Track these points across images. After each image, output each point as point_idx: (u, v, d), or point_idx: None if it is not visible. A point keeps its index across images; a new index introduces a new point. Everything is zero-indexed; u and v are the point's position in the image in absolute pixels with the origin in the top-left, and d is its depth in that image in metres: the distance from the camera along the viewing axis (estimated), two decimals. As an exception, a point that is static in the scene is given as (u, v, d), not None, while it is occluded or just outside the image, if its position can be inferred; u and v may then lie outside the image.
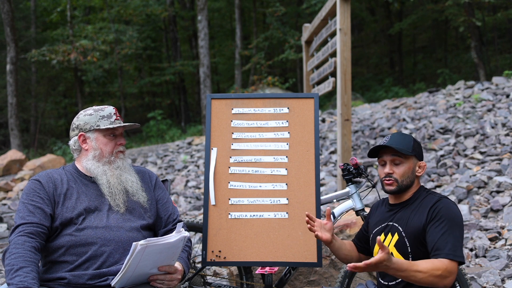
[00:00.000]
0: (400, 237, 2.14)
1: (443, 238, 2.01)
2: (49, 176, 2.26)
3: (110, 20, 18.01)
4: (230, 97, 2.86)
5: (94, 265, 2.12)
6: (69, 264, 2.13)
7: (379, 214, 2.33)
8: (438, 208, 2.07)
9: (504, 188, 4.85)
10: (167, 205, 2.43)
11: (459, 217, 2.07)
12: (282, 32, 16.88)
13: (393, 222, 2.20)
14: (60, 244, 2.14)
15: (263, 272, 2.68)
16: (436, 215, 2.06)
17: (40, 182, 2.22)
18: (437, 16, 17.70)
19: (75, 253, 2.13)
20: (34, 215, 2.12)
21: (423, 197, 2.18)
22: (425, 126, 7.47)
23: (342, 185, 5.39)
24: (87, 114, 2.34)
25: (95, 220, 2.19)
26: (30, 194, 2.19)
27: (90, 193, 2.26)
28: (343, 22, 5.45)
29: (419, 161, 2.24)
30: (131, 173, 2.36)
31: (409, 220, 2.14)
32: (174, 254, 2.12)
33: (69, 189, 2.24)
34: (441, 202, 2.10)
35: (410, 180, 2.21)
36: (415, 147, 2.22)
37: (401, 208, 2.22)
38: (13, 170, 10.34)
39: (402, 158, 2.20)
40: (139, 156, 10.95)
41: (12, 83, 13.39)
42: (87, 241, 2.14)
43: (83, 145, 2.32)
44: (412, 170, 2.21)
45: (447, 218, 2.04)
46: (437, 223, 2.05)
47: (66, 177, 2.29)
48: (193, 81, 23.35)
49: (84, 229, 2.15)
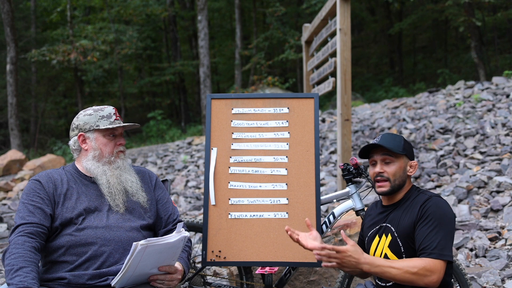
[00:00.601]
0: (393, 237, 2.15)
1: (429, 237, 2.01)
2: (49, 176, 2.26)
3: (110, 20, 18.01)
4: (230, 97, 2.86)
5: (94, 265, 2.12)
6: (69, 264, 2.13)
7: (373, 216, 2.34)
8: (427, 207, 2.07)
9: (504, 188, 4.85)
10: (167, 205, 2.43)
11: (448, 216, 2.06)
12: (282, 32, 16.89)
13: (386, 223, 2.21)
14: (60, 244, 2.14)
15: (263, 272, 2.68)
16: (424, 213, 2.07)
17: (40, 182, 2.22)
18: (437, 16, 17.70)
19: (75, 253, 2.13)
20: (34, 215, 2.12)
21: (414, 197, 2.18)
22: (425, 126, 7.47)
23: (342, 185, 5.39)
24: (86, 114, 2.34)
25: (95, 220, 2.19)
26: (30, 194, 2.19)
27: (90, 193, 2.26)
28: (343, 22, 5.45)
29: (410, 161, 2.23)
30: (131, 173, 2.36)
31: (401, 220, 2.14)
32: (174, 254, 2.12)
33: (69, 189, 2.24)
34: (430, 200, 2.10)
35: (402, 179, 2.20)
36: (405, 147, 2.22)
37: (394, 209, 2.23)
38: (13, 170, 10.34)
39: (393, 157, 2.20)
40: (139, 156, 10.95)
41: (12, 83, 13.39)
42: (87, 241, 2.14)
43: (82, 145, 2.32)
44: (404, 170, 2.21)
45: (435, 216, 2.04)
46: (425, 222, 2.05)
47: (66, 177, 2.29)
48: (193, 81, 23.36)
49: (84, 229, 2.15)
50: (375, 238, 2.24)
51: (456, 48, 20.96)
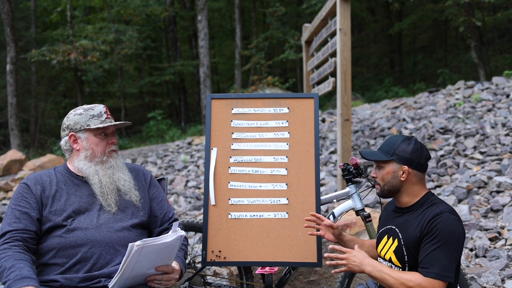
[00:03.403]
0: (399, 244, 2.14)
1: (431, 254, 1.98)
2: (37, 179, 2.24)
3: (110, 20, 18.01)
4: (230, 97, 2.86)
5: (84, 268, 2.11)
6: (59, 266, 2.12)
7: (388, 212, 2.33)
8: (436, 223, 2.01)
9: (504, 188, 4.85)
10: (162, 204, 2.40)
11: (456, 234, 1.99)
12: (282, 32, 16.88)
13: (395, 227, 2.19)
14: (50, 246, 2.13)
15: (263, 272, 2.68)
16: (432, 229, 2.01)
17: (27, 186, 2.21)
18: (437, 16, 17.69)
19: (65, 255, 2.12)
20: (20, 221, 2.11)
21: (427, 207, 2.11)
22: (425, 126, 7.47)
23: (342, 185, 5.38)
24: (77, 113, 2.30)
25: (85, 221, 2.17)
26: (18, 199, 2.18)
27: (81, 194, 2.24)
28: (343, 22, 5.45)
29: (402, 166, 2.15)
30: (124, 171, 2.33)
31: (409, 229, 2.11)
32: (171, 253, 2.11)
33: (58, 190, 2.22)
34: (440, 216, 2.01)
35: (392, 185, 2.16)
36: (397, 151, 2.14)
37: (404, 213, 2.19)
38: (13, 170, 10.33)
39: (382, 163, 2.19)
40: (139, 156, 10.95)
41: (12, 83, 13.39)
42: (77, 242, 2.12)
43: (74, 145, 2.28)
44: (393, 175, 2.16)
45: (442, 234, 1.98)
46: (431, 238, 2.00)
47: (56, 178, 2.26)
48: (193, 81, 23.36)
49: (73, 231, 2.14)
50: (384, 238, 2.24)
51: (456, 48, 20.96)
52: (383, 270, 2.04)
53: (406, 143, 2.17)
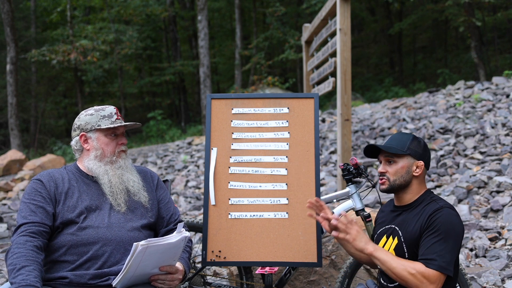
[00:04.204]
0: (399, 241, 2.15)
1: (432, 247, 1.99)
2: (50, 175, 2.27)
3: (110, 20, 18.01)
4: (230, 97, 2.86)
5: (95, 265, 2.12)
6: (70, 263, 2.13)
7: (385, 213, 2.34)
8: (436, 217, 2.03)
9: (504, 188, 4.85)
10: (168, 205, 2.44)
11: (456, 229, 2.02)
12: (282, 32, 16.88)
13: (395, 225, 2.20)
14: (61, 243, 2.14)
15: (263, 272, 2.68)
16: (432, 223, 2.03)
17: (41, 182, 2.23)
18: (437, 16, 17.70)
19: (76, 253, 2.13)
20: (36, 214, 2.12)
21: (426, 203, 2.14)
22: (425, 126, 7.47)
23: (342, 185, 5.39)
24: (88, 114, 2.34)
25: (96, 219, 2.19)
26: (32, 193, 2.19)
27: (92, 192, 2.26)
28: (343, 22, 5.45)
29: (416, 161, 2.19)
30: (132, 173, 2.36)
31: (409, 226, 2.13)
32: (175, 254, 2.12)
33: (70, 187, 2.25)
34: (441, 211, 2.05)
35: (404, 179, 2.18)
36: (411, 146, 2.19)
37: (404, 211, 2.21)
38: (13, 170, 10.34)
39: (395, 157, 2.19)
40: (139, 156, 10.95)
41: (12, 83, 13.39)
42: (89, 240, 2.14)
43: (84, 145, 2.32)
44: (407, 170, 2.18)
45: (443, 228, 2.00)
46: (431, 232, 2.02)
47: (67, 176, 2.29)
48: (193, 81, 23.36)
49: (85, 229, 2.16)
50: (383, 238, 2.25)
51: (456, 48, 20.96)
52: (385, 252, 2.05)
53: (417, 140, 2.23)
